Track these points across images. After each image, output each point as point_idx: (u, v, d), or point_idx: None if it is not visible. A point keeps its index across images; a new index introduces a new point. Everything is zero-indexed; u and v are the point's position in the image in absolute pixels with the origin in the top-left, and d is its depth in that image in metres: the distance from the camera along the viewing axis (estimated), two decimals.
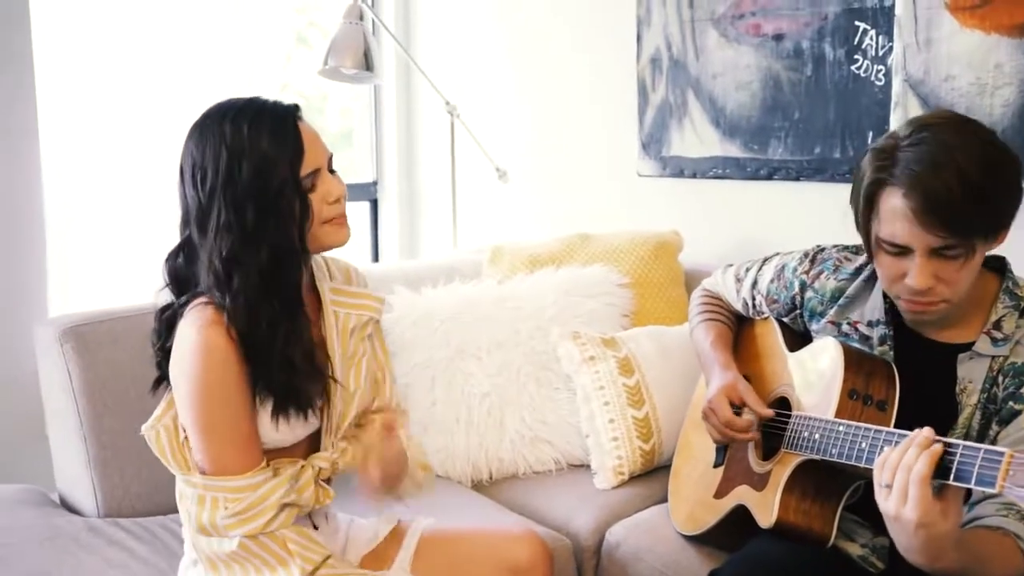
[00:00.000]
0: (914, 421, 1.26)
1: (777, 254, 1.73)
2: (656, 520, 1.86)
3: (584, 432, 2.10)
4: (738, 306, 1.80)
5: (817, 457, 1.41)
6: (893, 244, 1.35)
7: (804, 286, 1.62)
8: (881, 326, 1.49)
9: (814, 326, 1.61)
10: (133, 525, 1.82)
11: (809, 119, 2.28)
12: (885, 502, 1.20)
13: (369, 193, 3.43)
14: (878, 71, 2.13)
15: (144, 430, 1.45)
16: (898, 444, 1.21)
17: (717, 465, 1.71)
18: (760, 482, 1.54)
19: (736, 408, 1.61)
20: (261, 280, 1.35)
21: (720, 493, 1.67)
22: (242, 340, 1.35)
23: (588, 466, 2.10)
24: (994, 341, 1.39)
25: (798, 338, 1.65)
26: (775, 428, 1.57)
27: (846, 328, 1.54)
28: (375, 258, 3.46)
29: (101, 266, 2.80)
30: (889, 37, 2.09)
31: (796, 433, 1.47)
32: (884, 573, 1.47)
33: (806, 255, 1.65)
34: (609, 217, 2.74)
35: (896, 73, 2.05)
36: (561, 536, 1.89)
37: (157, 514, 1.87)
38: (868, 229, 1.39)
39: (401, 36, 3.24)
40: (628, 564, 1.81)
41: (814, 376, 1.52)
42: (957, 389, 1.40)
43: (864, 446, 1.31)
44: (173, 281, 1.43)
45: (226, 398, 1.35)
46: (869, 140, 2.15)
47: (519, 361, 2.20)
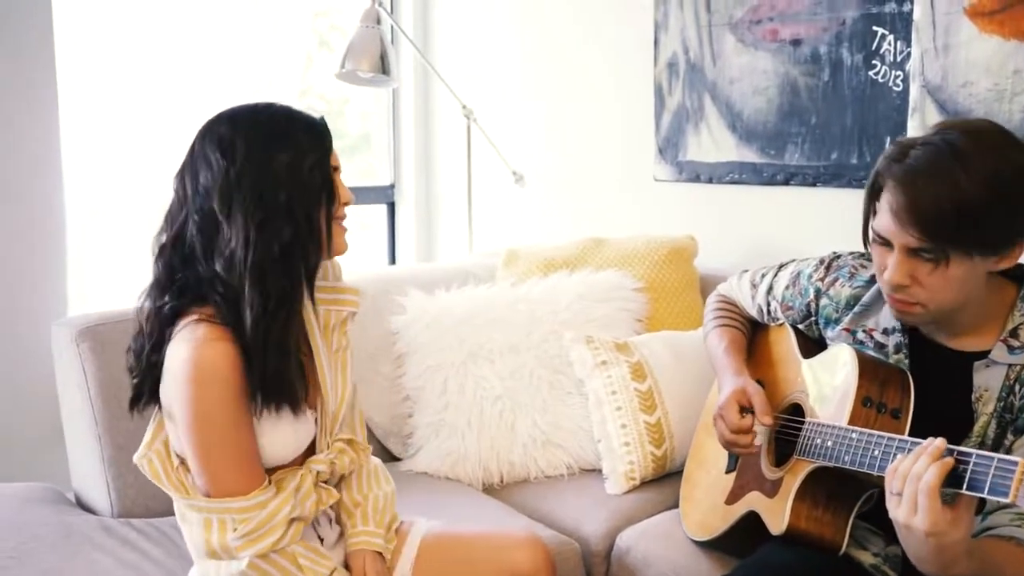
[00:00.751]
0: (929, 429, 1.25)
1: (793, 260, 1.73)
2: (667, 526, 1.86)
3: (596, 437, 2.09)
4: (753, 312, 1.79)
5: (830, 464, 1.40)
6: (878, 235, 1.37)
7: (819, 293, 1.61)
8: (896, 334, 1.48)
9: (829, 333, 1.60)
10: (146, 526, 1.84)
11: (826, 124, 2.26)
12: (896, 510, 1.20)
13: (387, 196, 3.45)
14: (896, 77, 2.12)
15: (136, 459, 1.44)
16: (910, 452, 1.21)
17: (729, 471, 1.70)
18: (772, 488, 1.53)
19: (746, 411, 1.60)
20: (281, 255, 1.34)
21: (732, 499, 1.66)
22: (237, 326, 1.33)
23: (599, 471, 2.10)
24: (1011, 349, 1.38)
25: (813, 345, 1.64)
26: (788, 434, 1.56)
27: (861, 335, 1.53)
28: (392, 260, 3.48)
29: (122, 266, 2.82)
30: (907, 42, 2.07)
31: (809, 440, 1.46)
32: None
33: (822, 262, 1.64)
34: (625, 221, 2.74)
35: (914, 79, 2.03)
36: (571, 541, 1.89)
37: (170, 515, 1.85)
38: (868, 219, 1.40)
39: (419, 40, 3.26)
40: (638, 570, 1.80)
41: (828, 383, 1.51)
42: (973, 397, 1.39)
43: (877, 454, 1.30)
44: (166, 271, 1.39)
45: (227, 420, 1.34)
46: (886, 146, 2.14)
47: (532, 364, 2.19)
